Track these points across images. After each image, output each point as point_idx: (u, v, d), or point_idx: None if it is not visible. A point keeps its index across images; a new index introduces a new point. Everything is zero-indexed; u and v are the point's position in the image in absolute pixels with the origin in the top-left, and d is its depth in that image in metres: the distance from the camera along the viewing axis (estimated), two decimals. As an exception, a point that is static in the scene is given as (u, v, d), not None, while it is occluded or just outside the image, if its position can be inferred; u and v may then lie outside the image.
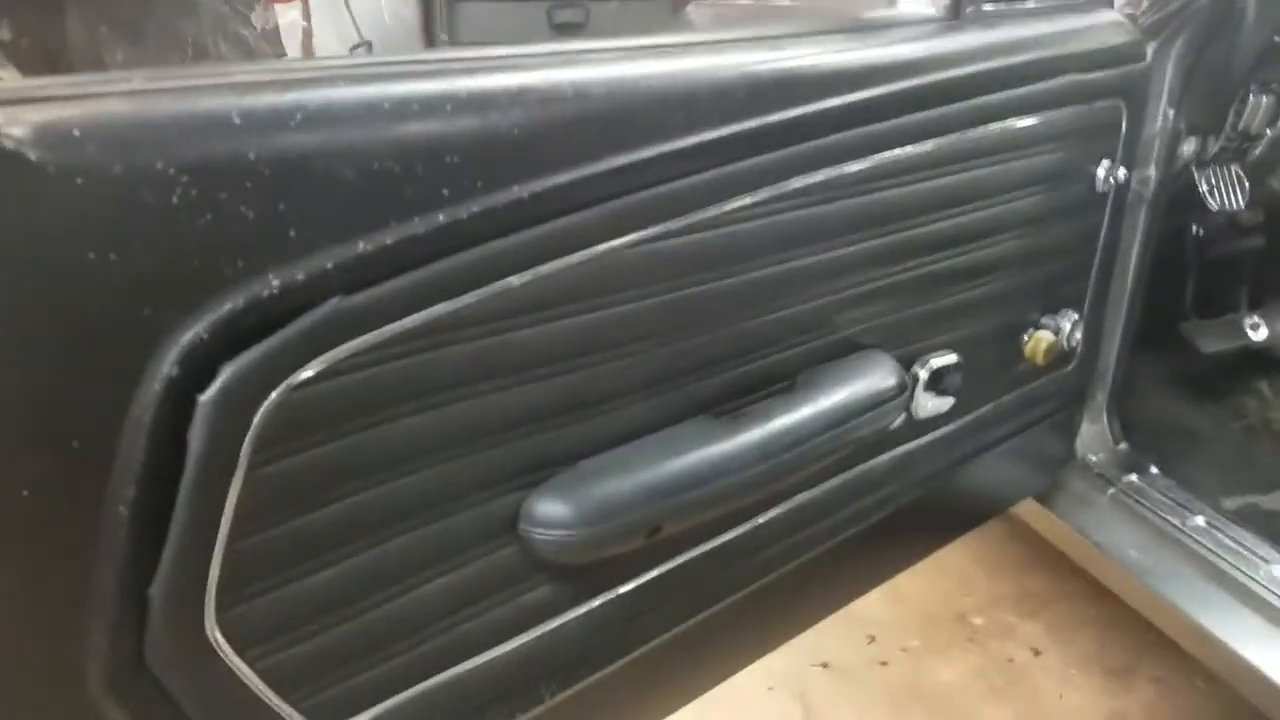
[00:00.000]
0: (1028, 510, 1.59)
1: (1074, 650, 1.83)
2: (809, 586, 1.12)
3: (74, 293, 0.56)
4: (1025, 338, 1.24)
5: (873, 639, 1.85)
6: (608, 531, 0.83)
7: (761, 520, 1.01)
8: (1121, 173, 1.25)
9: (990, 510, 1.45)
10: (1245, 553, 1.30)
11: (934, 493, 1.23)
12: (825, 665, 1.79)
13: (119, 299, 0.57)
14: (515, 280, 0.74)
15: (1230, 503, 1.45)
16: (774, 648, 1.13)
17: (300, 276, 0.63)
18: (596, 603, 0.89)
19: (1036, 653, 1.83)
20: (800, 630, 1.16)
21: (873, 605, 1.88)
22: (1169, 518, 1.38)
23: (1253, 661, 1.21)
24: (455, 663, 0.80)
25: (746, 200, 0.88)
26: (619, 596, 0.90)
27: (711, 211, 0.86)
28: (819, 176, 0.94)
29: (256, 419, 0.63)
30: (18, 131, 0.53)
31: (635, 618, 0.92)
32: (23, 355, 0.55)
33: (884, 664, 1.81)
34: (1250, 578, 1.26)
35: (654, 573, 0.92)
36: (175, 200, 0.57)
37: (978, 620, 1.90)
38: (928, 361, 1.10)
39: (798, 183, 0.92)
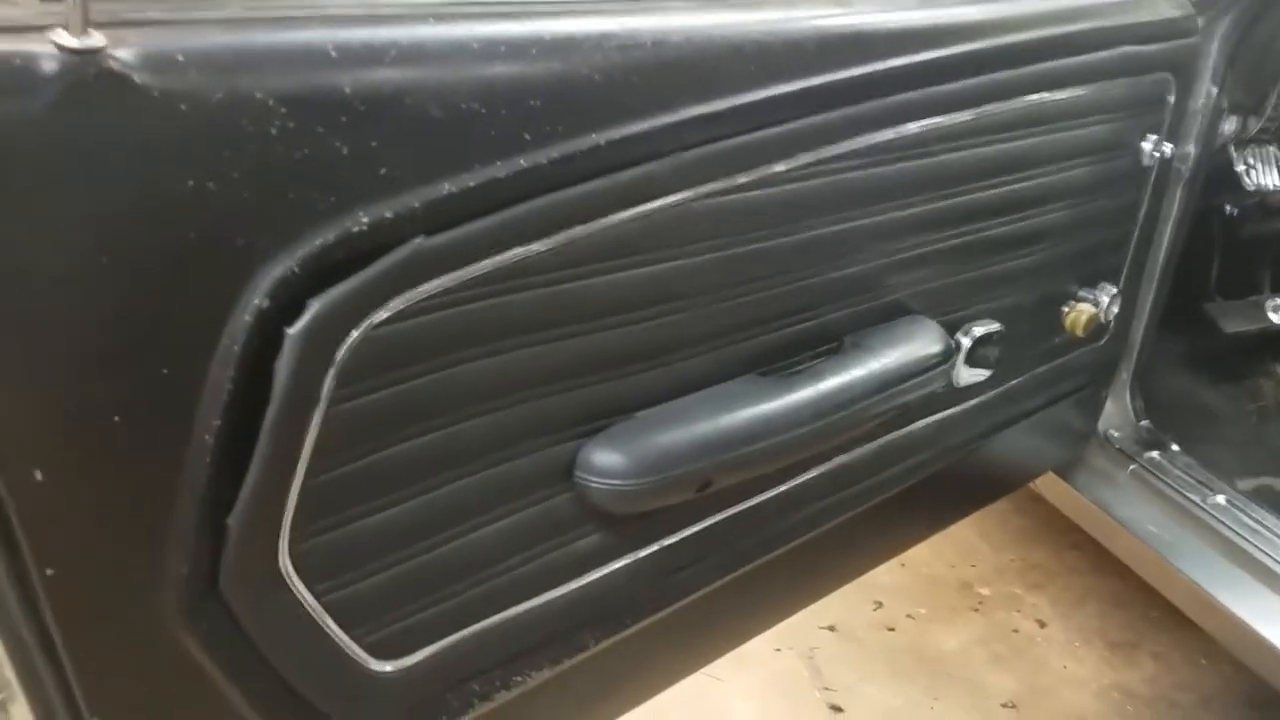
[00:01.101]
0: (1038, 482, 1.61)
1: (1077, 623, 1.86)
2: (842, 548, 1.14)
3: (171, 219, 0.55)
4: (1065, 309, 1.24)
5: (880, 605, 1.88)
6: (661, 483, 0.84)
7: (801, 481, 1.02)
8: (1167, 148, 1.25)
9: (1014, 482, 1.47)
10: (1266, 532, 1.31)
11: (963, 462, 1.24)
12: (832, 628, 1.81)
13: (215, 228, 0.57)
14: (587, 228, 0.74)
15: (1244, 483, 1.47)
16: (804, 606, 1.15)
17: (388, 214, 0.62)
18: (642, 553, 0.89)
19: (1041, 624, 1.85)
20: (830, 590, 1.17)
21: (880, 572, 1.89)
22: (1189, 495, 1.40)
23: (1270, 639, 1.23)
24: (508, 605, 0.81)
25: (811, 157, 0.88)
26: (663, 549, 0.91)
27: (778, 167, 0.85)
28: (881, 136, 0.94)
29: (340, 354, 0.63)
30: (124, 54, 0.52)
31: (677, 570, 0.93)
32: (119, 279, 0.55)
33: (890, 629, 1.83)
34: (1270, 557, 1.28)
35: (697, 527, 0.93)
36: (273, 131, 0.57)
37: (983, 590, 1.93)
38: (971, 329, 1.10)
39: (861, 142, 0.92)
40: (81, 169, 0.52)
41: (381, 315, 0.65)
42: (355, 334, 0.64)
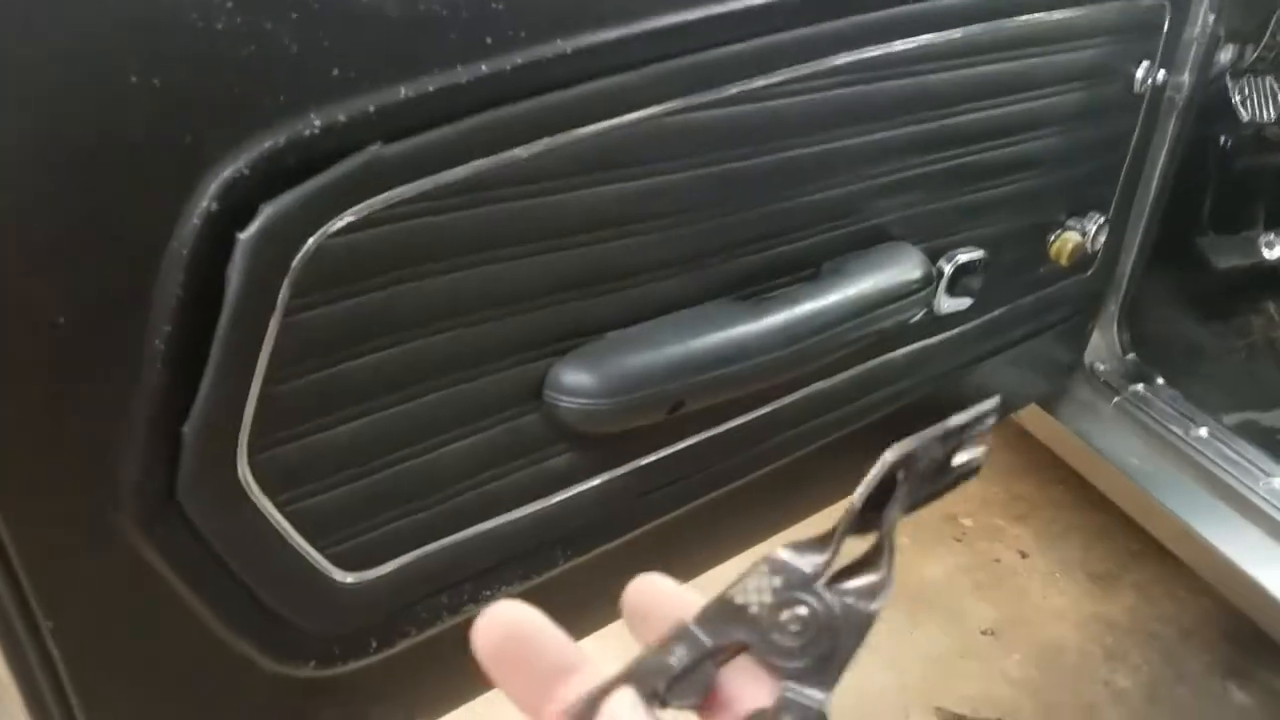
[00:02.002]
0: (1023, 414, 1.60)
1: (1059, 555, 1.87)
2: (816, 475, 1.13)
3: (115, 113, 0.54)
4: (1051, 238, 1.22)
5: (863, 535, 1.89)
6: (631, 403, 0.83)
7: (776, 406, 1.01)
8: (1161, 74, 1.22)
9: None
10: (1247, 465, 1.31)
11: (944, 392, 1.24)
12: (815, 557, 1.82)
13: (161, 124, 0.55)
14: (554, 141, 0.72)
15: (1230, 418, 1.46)
16: (778, 532, 1.15)
17: (341, 118, 0.61)
18: (614, 474, 0.89)
19: (1023, 555, 1.87)
20: (804, 517, 1.17)
21: (865, 503, 1.91)
22: (1172, 428, 1.40)
23: (1247, 570, 1.24)
24: (477, 521, 0.81)
25: (790, 74, 0.85)
26: (635, 470, 0.91)
27: (756, 83, 0.83)
28: (866, 54, 0.91)
29: (295, 263, 0.62)
30: (60, -60, 0.51)
31: (649, 492, 0.93)
32: (60, 174, 0.53)
33: (873, 559, 1.84)
34: (1250, 489, 1.28)
35: (670, 450, 0.93)
36: (220, 26, 0.55)
37: (967, 521, 1.94)
38: (954, 256, 1.09)
39: (845, 58, 0.90)
40: (21, 54, 0.51)
41: (337, 224, 0.64)
42: (310, 242, 0.63)
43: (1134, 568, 1.84)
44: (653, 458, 0.91)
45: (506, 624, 0.39)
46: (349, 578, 0.74)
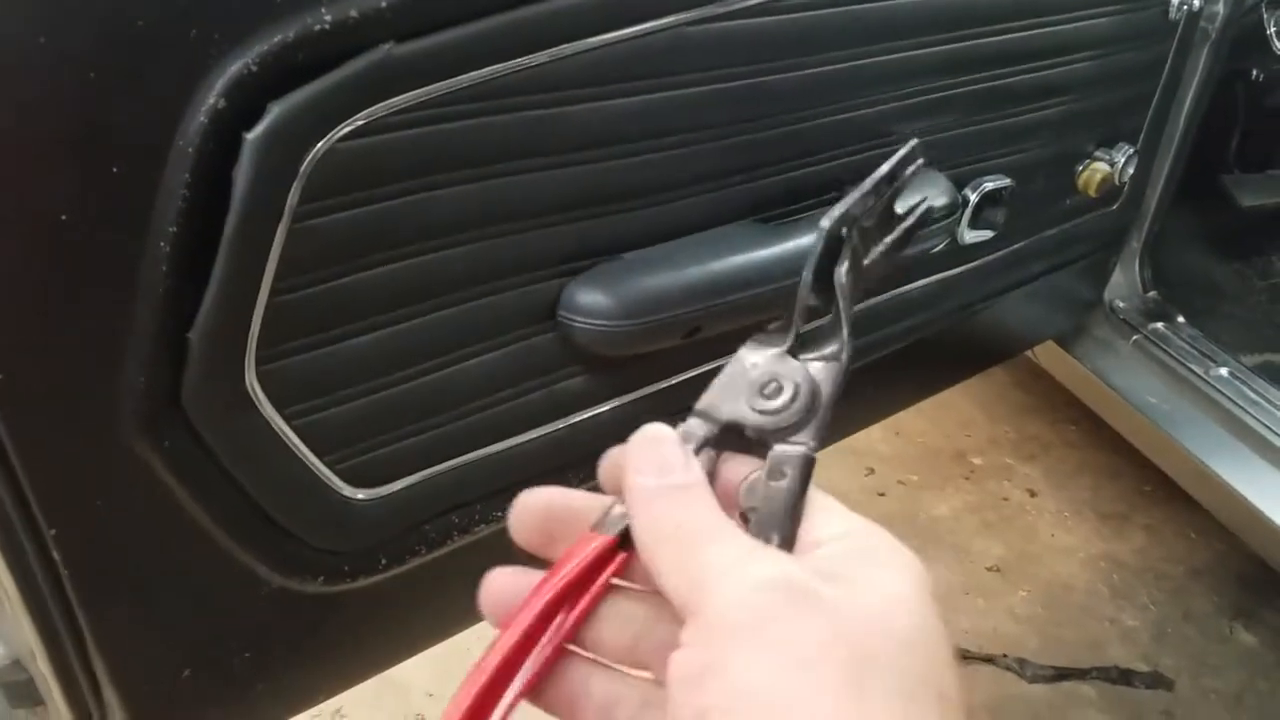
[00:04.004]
0: (1037, 352, 1.58)
1: (1068, 494, 1.86)
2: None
3: (117, 4, 0.51)
4: (1079, 169, 1.19)
5: (871, 471, 1.88)
6: (646, 326, 0.81)
7: (794, 333, 0.99)
8: (1196, 1, 1.18)
9: (1013, 348, 1.44)
10: (1267, 405, 1.29)
11: (963, 325, 1.22)
12: (823, 492, 1.81)
13: (165, 14, 0.53)
14: (572, 48, 0.69)
15: (1250, 359, 1.44)
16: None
17: (353, 13, 0.58)
18: (628, 398, 0.87)
19: (1032, 494, 1.86)
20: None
21: (873, 440, 1.90)
22: (1192, 366, 1.38)
23: (1264, 510, 1.22)
24: (489, 442, 0.79)
25: None
26: (649, 395, 0.89)
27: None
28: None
29: (303, 166, 0.60)
30: None
31: (663, 418, 0.91)
32: (60, 62, 0.51)
33: (881, 495, 1.84)
34: (1270, 430, 1.26)
35: (684, 375, 0.91)
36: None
37: (976, 460, 1.93)
38: (980, 184, 1.06)
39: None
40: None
41: (347, 128, 0.61)
42: (320, 145, 0.60)
43: (1144, 508, 1.83)
44: (667, 383, 0.90)
45: (540, 505, 0.41)
46: (358, 494, 0.72)
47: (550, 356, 0.80)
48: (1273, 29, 1.48)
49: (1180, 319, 1.47)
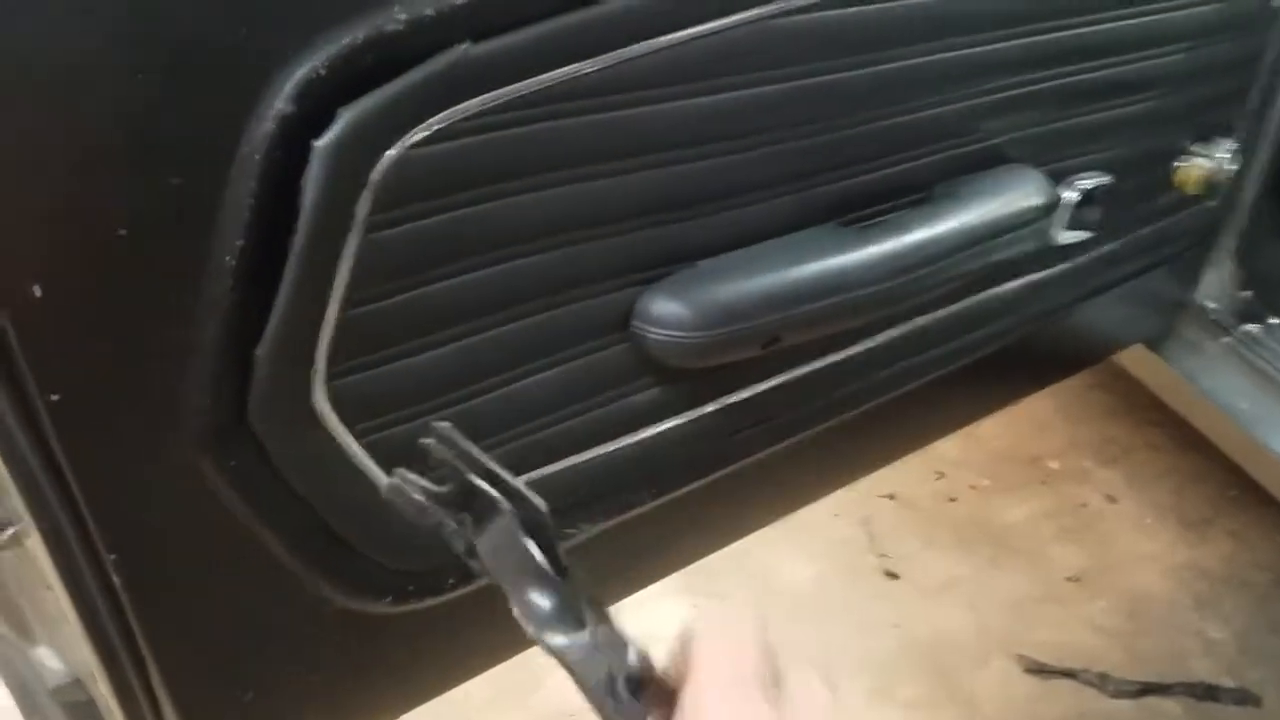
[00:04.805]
0: (1122, 353, 1.52)
1: (1150, 499, 1.79)
2: (912, 415, 1.07)
3: (178, 6, 0.49)
4: (1176, 164, 1.13)
5: (942, 475, 1.82)
6: (724, 337, 0.77)
7: (876, 342, 0.94)
8: (1302, -14, 1.11)
9: (1102, 352, 1.38)
10: (1369, 412, 1.22)
11: (1051, 328, 1.16)
12: (891, 497, 1.77)
13: (227, 19, 0.50)
14: (650, 45, 0.66)
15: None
16: (867, 473, 1.09)
17: (428, 11, 0.55)
18: (703, 411, 0.84)
19: (1111, 499, 1.79)
20: (896, 458, 1.11)
21: (944, 443, 1.83)
22: (1285, 369, 1.31)
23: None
24: (560, 456, 0.76)
25: None
26: (725, 408, 0.85)
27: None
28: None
29: (374, 175, 0.57)
30: None
31: (738, 430, 0.88)
32: (121, 71, 0.48)
33: (952, 500, 1.78)
34: (1371, 438, 1.19)
35: (763, 385, 0.87)
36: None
37: (1053, 464, 1.86)
38: (1076, 181, 1.00)
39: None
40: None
41: (421, 133, 0.58)
42: (392, 152, 0.57)
43: (1230, 513, 1.75)
44: (743, 395, 0.86)
45: None
46: (430, 513, 0.70)
47: (623, 368, 0.77)
48: (1379, 14, 1.40)
49: (1273, 320, 1.39)
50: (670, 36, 0.66)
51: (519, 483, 0.45)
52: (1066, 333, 1.24)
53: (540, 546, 0.44)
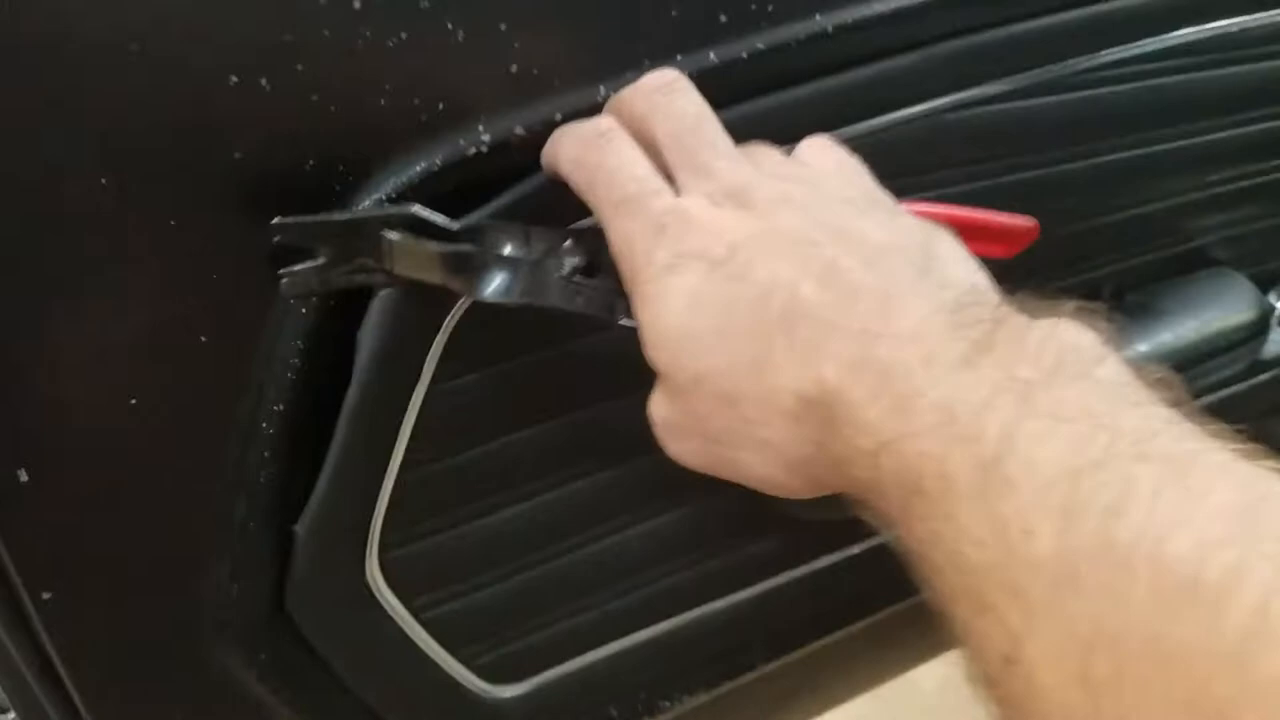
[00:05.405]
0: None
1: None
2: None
3: (196, 127, 0.39)
4: None
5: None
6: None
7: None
8: None
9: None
10: None
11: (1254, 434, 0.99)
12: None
13: (268, 144, 0.40)
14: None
15: None
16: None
17: (519, 130, 0.44)
18: (831, 560, 0.71)
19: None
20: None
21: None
22: None
23: None
24: (658, 619, 0.65)
25: (1114, 55, 0.64)
26: (855, 557, 0.72)
27: (1062, 69, 0.62)
28: (1206, 32, 0.69)
29: (450, 317, 0.47)
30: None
31: (870, 579, 0.74)
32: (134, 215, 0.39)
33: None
34: None
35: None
36: (357, 6, 0.39)
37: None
38: (1290, 287, 0.84)
39: (1177, 37, 0.67)
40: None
41: (513, 262, 0.48)
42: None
43: None
44: (877, 541, 0.73)
45: None
46: (505, 692, 0.59)
47: (732, 519, 0.65)
48: None
49: None
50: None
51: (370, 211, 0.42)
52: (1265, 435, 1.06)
53: (431, 236, 0.42)
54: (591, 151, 0.40)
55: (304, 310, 0.43)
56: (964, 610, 0.31)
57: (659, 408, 0.41)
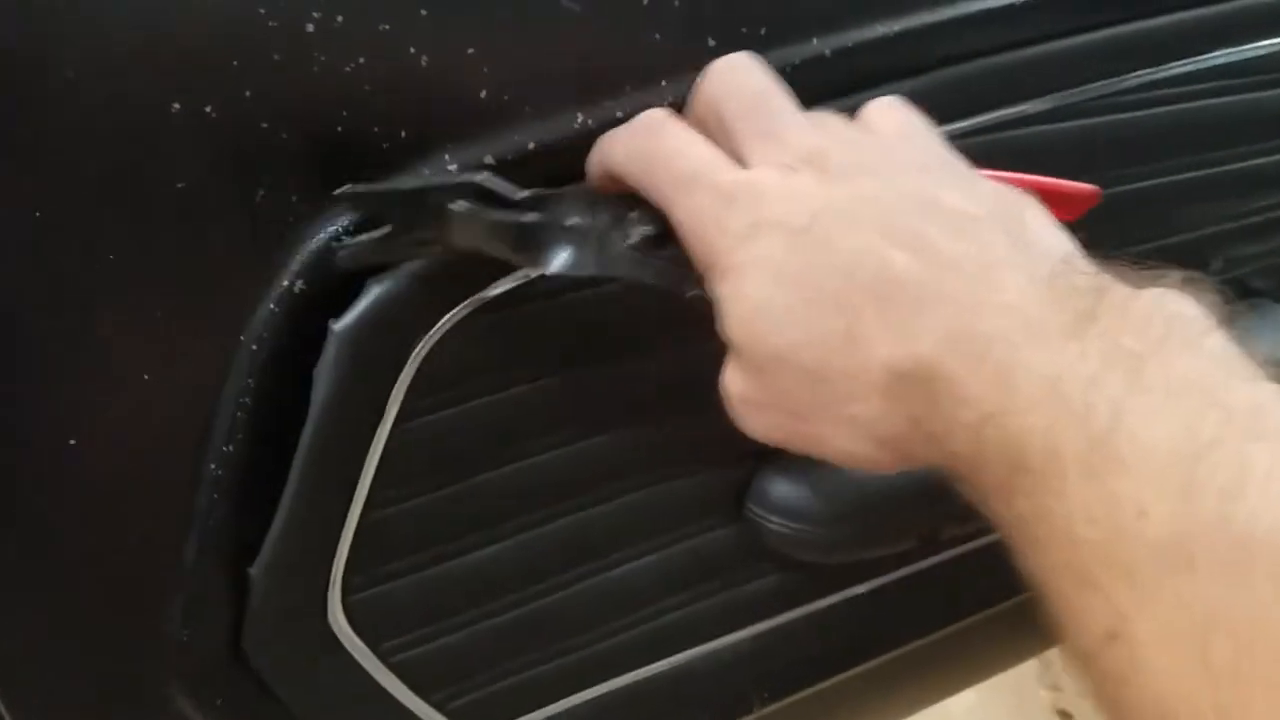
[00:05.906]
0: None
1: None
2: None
3: (159, 160, 0.37)
4: None
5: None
6: (869, 532, 0.62)
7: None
8: None
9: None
10: None
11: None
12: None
13: (216, 173, 0.38)
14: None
15: None
16: (1027, 659, 0.91)
17: (487, 159, 0.42)
18: (832, 601, 0.68)
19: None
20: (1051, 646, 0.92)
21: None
22: None
23: None
24: (648, 661, 0.62)
25: (1148, 76, 0.61)
26: (860, 596, 0.69)
27: (1092, 90, 0.59)
28: (1242, 53, 0.65)
29: (418, 350, 0.44)
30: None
31: (877, 619, 0.71)
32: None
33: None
34: None
35: (907, 570, 0.70)
36: (310, 29, 0.37)
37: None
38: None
39: (1212, 59, 0.64)
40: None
41: (492, 292, 0.45)
42: (444, 321, 0.45)
43: None
44: (885, 580, 0.70)
45: None
46: (474, 738, 0.57)
47: (730, 558, 0.62)
48: None
49: None
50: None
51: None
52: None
53: (499, 205, 0.40)
54: (648, 139, 0.39)
55: (254, 347, 0.41)
56: (1066, 585, 0.31)
57: (734, 383, 0.39)
